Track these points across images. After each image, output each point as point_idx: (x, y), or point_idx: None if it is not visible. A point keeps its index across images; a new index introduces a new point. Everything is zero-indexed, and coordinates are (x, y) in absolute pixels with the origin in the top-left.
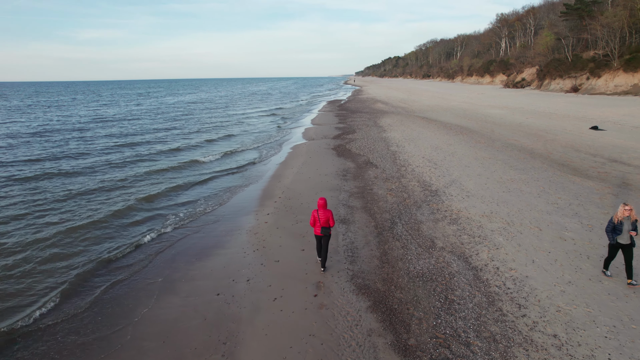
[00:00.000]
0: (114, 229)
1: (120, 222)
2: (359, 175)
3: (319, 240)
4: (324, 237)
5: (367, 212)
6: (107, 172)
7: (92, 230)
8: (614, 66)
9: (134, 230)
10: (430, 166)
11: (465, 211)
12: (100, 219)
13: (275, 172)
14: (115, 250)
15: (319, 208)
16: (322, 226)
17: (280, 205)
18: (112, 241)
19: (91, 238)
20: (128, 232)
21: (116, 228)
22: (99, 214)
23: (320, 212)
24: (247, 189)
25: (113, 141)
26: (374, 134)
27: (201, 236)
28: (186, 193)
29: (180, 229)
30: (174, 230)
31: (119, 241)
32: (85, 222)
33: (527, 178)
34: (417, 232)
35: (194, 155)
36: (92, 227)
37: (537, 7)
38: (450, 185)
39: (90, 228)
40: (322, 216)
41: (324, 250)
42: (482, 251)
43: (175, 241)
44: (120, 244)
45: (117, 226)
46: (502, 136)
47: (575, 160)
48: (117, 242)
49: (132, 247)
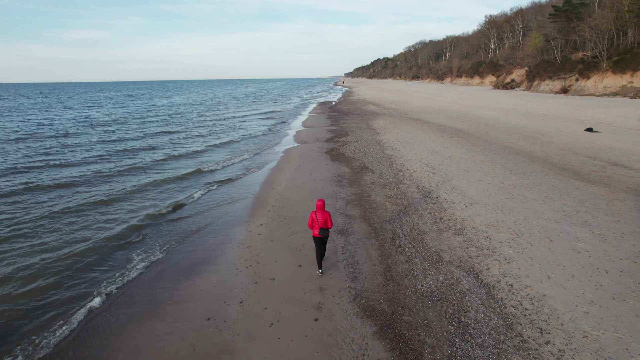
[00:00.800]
0: (96, 242)
1: (102, 234)
2: (355, 181)
3: (318, 243)
4: (323, 239)
5: (366, 222)
6: (90, 182)
7: (74, 245)
8: (603, 67)
9: (117, 242)
10: (428, 171)
11: (469, 220)
12: (84, 228)
13: (267, 178)
14: (97, 265)
15: (317, 210)
16: (321, 227)
17: (274, 215)
18: (94, 254)
19: (73, 255)
20: (110, 245)
21: (98, 240)
22: (82, 226)
23: (318, 213)
24: (238, 197)
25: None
26: (368, 136)
27: (190, 250)
28: (173, 202)
29: (168, 242)
30: (161, 244)
31: (101, 255)
32: (67, 237)
33: (529, 183)
34: (421, 244)
35: (179, 161)
36: (74, 243)
37: (525, 8)
38: (451, 192)
39: (73, 243)
40: (320, 217)
41: (322, 251)
42: (492, 265)
43: (162, 256)
44: (102, 257)
45: (99, 238)
46: (497, 138)
47: (575, 163)
48: (99, 255)
49: (116, 261)
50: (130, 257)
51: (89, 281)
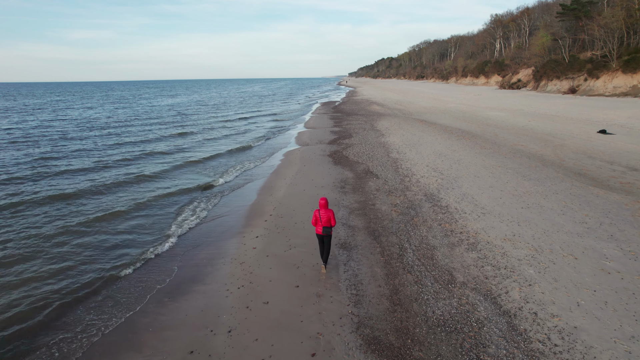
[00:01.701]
0: (75, 256)
1: (83, 246)
2: (358, 187)
3: (321, 240)
4: (326, 237)
5: (370, 234)
6: (80, 195)
7: (53, 262)
8: (613, 67)
9: (99, 256)
10: (436, 176)
11: (483, 233)
12: (65, 244)
13: (266, 183)
14: (74, 285)
15: (321, 208)
16: (324, 226)
17: (271, 225)
18: (73, 272)
19: (52, 272)
20: (91, 256)
21: (78, 253)
22: (63, 238)
23: (321, 211)
24: (233, 205)
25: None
26: (372, 138)
27: (179, 266)
28: (162, 210)
29: (154, 256)
30: (146, 258)
31: (79, 271)
32: (46, 252)
33: (544, 190)
34: (431, 262)
35: (174, 167)
36: (53, 259)
37: (531, 7)
38: (462, 200)
39: (52, 260)
40: (324, 215)
41: (326, 249)
42: (512, 288)
43: (147, 272)
44: (77, 275)
45: (79, 252)
46: (507, 141)
47: (591, 168)
48: (78, 272)
49: (95, 279)
50: (110, 275)
51: (63, 306)
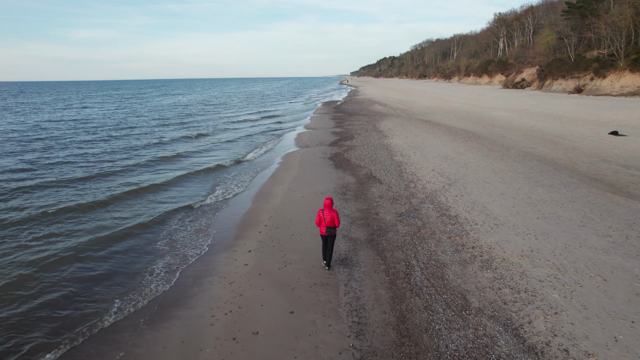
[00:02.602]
0: (51, 272)
1: (61, 260)
2: (360, 193)
3: (325, 240)
4: (329, 237)
5: (374, 249)
6: (59, 195)
7: (26, 279)
8: (620, 66)
9: (74, 271)
10: (443, 182)
11: (498, 248)
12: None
13: (262, 188)
14: (43, 308)
15: (325, 208)
16: (328, 226)
17: (266, 238)
18: (45, 292)
19: (27, 287)
20: (64, 273)
21: (53, 268)
22: (36, 251)
23: (325, 211)
24: (226, 213)
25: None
26: (374, 140)
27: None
28: (148, 218)
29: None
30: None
31: (49, 291)
32: (16, 271)
33: (559, 198)
34: (441, 282)
35: (167, 169)
36: (25, 276)
37: (535, 6)
38: (472, 209)
39: (23, 277)
40: (328, 216)
41: (329, 250)
42: (535, 317)
43: (122, 278)
44: (49, 294)
45: (54, 266)
46: (515, 143)
47: (607, 173)
48: (47, 292)
49: (64, 298)
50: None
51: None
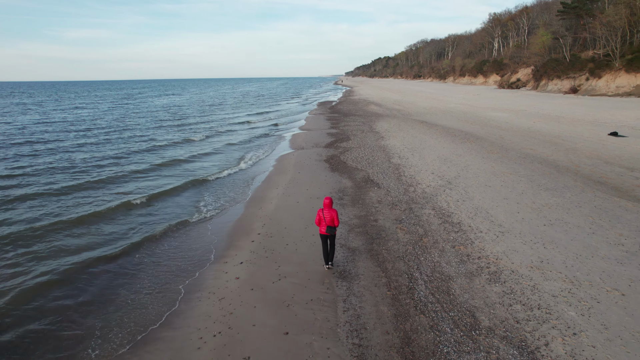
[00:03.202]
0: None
1: (42, 284)
2: (358, 198)
3: (325, 240)
4: (330, 237)
5: (373, 260)
6: (40, 204)
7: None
8: (616, 66)
9: (49, 287)
10: (443, 185)
11: (505, 259)
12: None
13: (255, 193)
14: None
15: (325, 207)
16: (328, 225)
17: (259, 248)
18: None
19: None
20: (43, 297)
21: (33, 291)
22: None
23: (325, 211)
24: (216, 219)
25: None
26: (371, 141)
27: (142, 299)
28: (132, 226)
29: (115, 280)
30: (102, 282)
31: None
32: None
33: (565, 203)
34: (447, 298)
35: (158, 171)
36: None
37: (530, 6)
38: (476, 215)
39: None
40: (327, 216)
41: (330, 249)
42: (552, 338)
43: (99, 300)
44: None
45: (30, 280)
46: (514, 144)
47: (612, 175)
48: (28, 316)
49: (42, 324)
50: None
51: None
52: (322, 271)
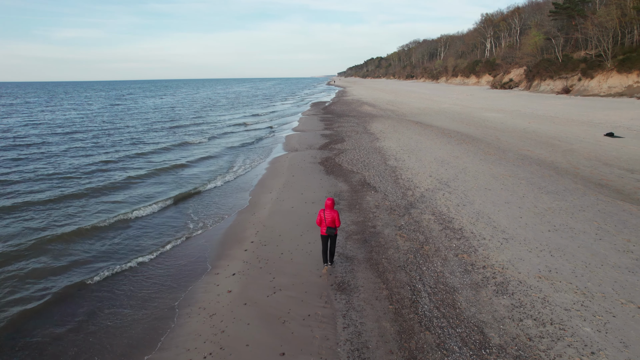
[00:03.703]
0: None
1: (10, 289)
2: (354, 202)
3: (325, 241)
4: (330, 237)
5: (373, 270)
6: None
7: None
8: (608, 67)
9: (23, 305)
10: (442, 189)
11: (511, 268)
12: None
13: (248, 198)
14: None
15: (326, 208)
16: (328, 226)
17: (252, 257)
18: None
19: None
20: (15, 301)
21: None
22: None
23: (327, 212)
24: (207, 227)
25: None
26: (366, 143)
27: (125, 318)
28: (116, 233)
29: (99, 301)
30: (87, 303)
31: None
32: None
33: (568, 207)
34: (453, 312)
35: (144, 179)
36: None
37: (521, 7)
38: (477, 221)
39: None
40: (329, 216)
41: (330, 249)
42: (569, 358)
43: (80, 324)
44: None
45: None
46: (511, 145)
47: (612, 177)
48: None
49: (15, 333)
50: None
51: None
52: (320, 283)
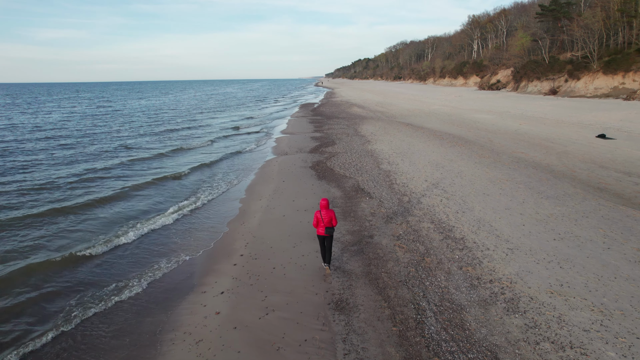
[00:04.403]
0: None
1: None
2: (349, 210)
3: (323, 242)
4: (327, 238)
5: (373, 286)
6: None
7: None
8: (594, 68)
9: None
10: (439, 195)
11: (520, 282)
12: None
13: (237, 205)
14: None
15: (322, 208)
16: (326, 226)
17: (242, 273)
18: None
19: None
20: None
21: None
22: None
23: (323, 212)
24: (192, 240)
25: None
26: (357, 145)
27: (106, 344)
28: (98, 252)
29: (76, 325)
30: (62, 331)
31: None
32: None
33: (570, 212)
34: (463, 334)
35: (127, 185)
36: None
37: (508, 9)
38: (479, 229)
39: None
40: (326, 216)
41: (328, 250)
42: None
43: (62, 351)
44: None
45: None
46: (504, 148)
47: (610, 181)
48: None
49: None
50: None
51: None
52: (316, 301)
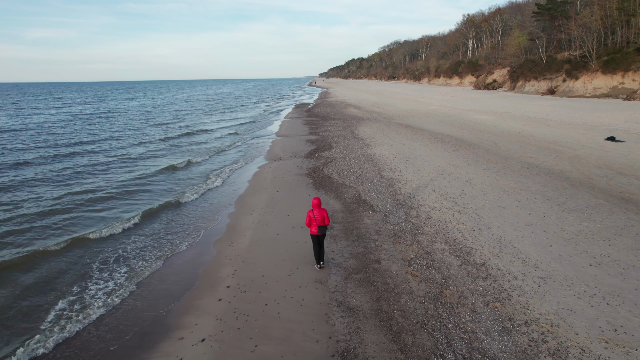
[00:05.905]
0: None
1: None
2: (351, 227)
3: (316, 240)
4: (321, 237)
5: (385, 329)
6: None
7: None
8: (592, 68)
9: None
10: (450, 208)
11: (563, 325)
12: None
13: (225, 221)
14: None
15: (314, 207)
16: (319, 225)
17: (228, 311)
18: None
19: None
20: None
21: None
22: None
23: (315, 211)
24: (173, 261)
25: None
26: (356, 149)
27: None
28: (54, 283)
29: None
30: None
31: None
32: None
33: (599, 229)
34: None
35: (102, 198)
36: None
37: (502, 8)
38: (501, 252)
39: None
40: (318, 216)
41: (321, 248)
42: None
43: None
44: None
45: None
46: (511, 152)
47: (633, 190)
48: None
49: None
50: None
51: None
52: (317, 352)
